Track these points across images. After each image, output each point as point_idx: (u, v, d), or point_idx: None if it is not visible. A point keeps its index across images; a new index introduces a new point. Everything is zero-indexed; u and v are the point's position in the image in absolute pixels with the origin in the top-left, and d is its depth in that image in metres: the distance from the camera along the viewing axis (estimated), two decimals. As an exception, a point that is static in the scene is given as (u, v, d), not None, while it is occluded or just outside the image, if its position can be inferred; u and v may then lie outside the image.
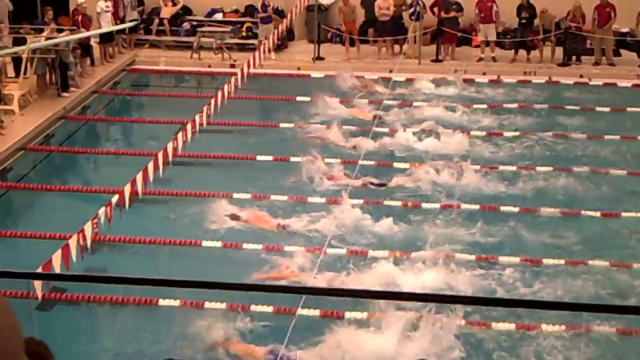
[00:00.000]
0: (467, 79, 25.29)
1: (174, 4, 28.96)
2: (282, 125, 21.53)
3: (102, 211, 14.98)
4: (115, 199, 15.49)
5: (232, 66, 26.08)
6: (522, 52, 26.89)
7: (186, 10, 29.27)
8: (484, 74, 25.87)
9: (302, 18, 28.63)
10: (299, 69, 26.42)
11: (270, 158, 19.50)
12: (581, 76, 25.69)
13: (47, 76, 23.28)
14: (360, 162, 18.61)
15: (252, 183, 17.97)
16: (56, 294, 13.72)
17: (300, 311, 12.91)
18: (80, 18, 24.93)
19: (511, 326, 12.99)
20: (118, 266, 14.51)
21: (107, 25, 25.93)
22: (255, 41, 27.73)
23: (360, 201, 17.01)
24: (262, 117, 22.93)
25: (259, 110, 24.01)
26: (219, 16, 29.21)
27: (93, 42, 25.81)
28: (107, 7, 26.05)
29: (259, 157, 19.53)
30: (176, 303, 13.50)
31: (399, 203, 17.21)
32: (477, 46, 27.45)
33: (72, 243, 13.75)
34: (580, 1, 26.19)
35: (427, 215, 16.71)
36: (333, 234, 15.59)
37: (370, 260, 14.86)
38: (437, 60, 26.92)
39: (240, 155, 19.63)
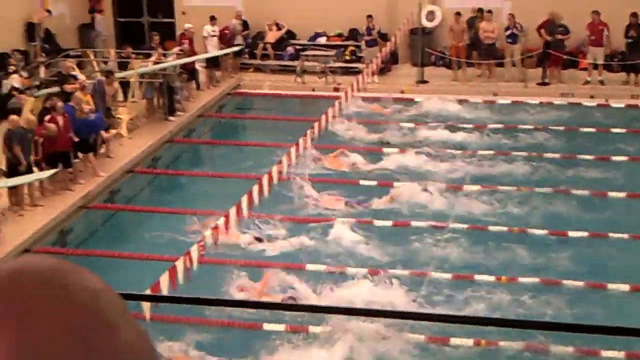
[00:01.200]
0: (574, 102, 24.93)
1: (279, 29, 29.18)
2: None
3: (208, 234, 15.13)
4: (221, 221, 15.61)
5: (336, 89, 26.13)
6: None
7: (290, 35, 29.47)
8: (592, 97, 25.42)
9: (405, 41, 28.56)
10: (402, 92, 26.33)
11: (374, 183, 19.51)
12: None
13: (155, 100, 23.67)
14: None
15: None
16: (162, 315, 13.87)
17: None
18: (187, 42, 25.32)
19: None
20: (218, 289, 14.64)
21: (213, 50, 26.28)
22: (358, 65, 27.76)
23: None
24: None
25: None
26: (322, 40, 29.33)
27: (199, 67, 26.17)
28: (213, 31, 26.41)
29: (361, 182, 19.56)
30: (281, 327, 13.53)
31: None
32: (584, 69, 26.99)
33: (179, 265, 13.91)
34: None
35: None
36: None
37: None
38: (543, 84, 26.56)
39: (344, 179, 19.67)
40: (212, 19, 26.78)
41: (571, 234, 16.85)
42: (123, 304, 1.09)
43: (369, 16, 27.69)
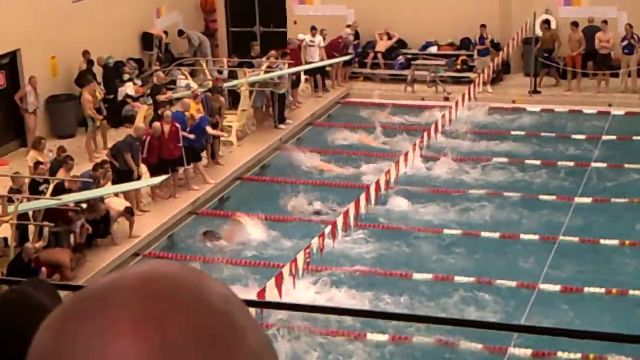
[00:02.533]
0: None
1: (389, 38, 29.10)
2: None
3: (314, 241, 15.13)
4: (328, 229, 15.59)
5: (446, 99, 25.93)
6: None
7: (401, 44, 29.36)
8: None
9: (518, 51, 28.17)
10: (514, 102, 25.99)
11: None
12: None
13: (264, 108, 23.82)
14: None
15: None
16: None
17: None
18: (290, 52, 25.41)
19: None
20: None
21: (314, 58, 26.22)
22: (470, 74, 27.49)
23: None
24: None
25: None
26: (433, 49, 29.13)
27: (303, 75, 26.25)
28: (311, 41, 26.38)
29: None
30: (384, 337, 13.44)
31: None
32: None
33: (285, 272, 13.94)
34: None
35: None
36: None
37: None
38: (658, 94, 25.89)
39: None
40: (313, 29, 26.78)
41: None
42: (247, 309, 1.12)
43: (483, 25, 27.38)
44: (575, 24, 26.82)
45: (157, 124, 18.88)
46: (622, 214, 18.05)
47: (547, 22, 27.56)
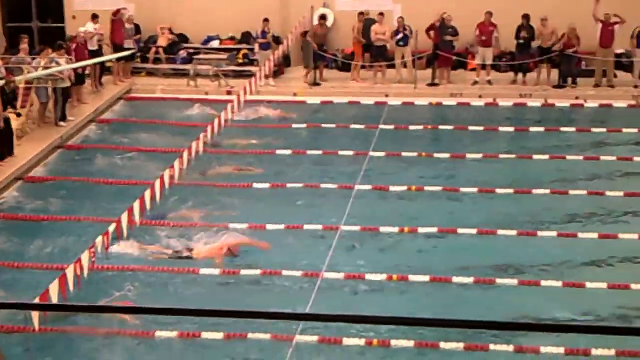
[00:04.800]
0: (463, 102, 25.47)
1: (171, 33, 29.12)
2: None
3: (99, 240, 15.00)
4: (112, 228, 15.50)
5: (229, 93, 26.19)
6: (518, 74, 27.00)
7: (183, 38, 29.41)
8: (480, 96, 25.96)
9: (298, 44, 28.76)
10: (295, 94, 26.53)
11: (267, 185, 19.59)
12: (577, 98, 25.79)
13: (47, 105, 23.34)
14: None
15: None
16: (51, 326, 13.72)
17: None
18: (74, 47, 24.91)
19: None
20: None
21: (94, 48, 25.87)
22: (252, 68, 27.84)
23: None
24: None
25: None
26: (215, 43, 29.35)
27: (88, 70, 25.86)
28: (95, 29, 26.03)
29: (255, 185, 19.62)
30: (173, 334, 13.51)
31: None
32: (473, 69, 27.57)
33: (69, 273, 13.77)
34: (575, 23, 26.30)
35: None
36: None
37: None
38: (433, 84, 27.02)
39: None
40: (94, 17, 26.39)
41: (461, 230, 17.17)
42: None
43: (265, 19, 27.79)
44: (362, 14, 27.63)
45: None
46: (399, 201, 18.76)
47: (323, 16, 28.25)
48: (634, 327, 12.90)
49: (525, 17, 26.65)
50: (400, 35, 27.20)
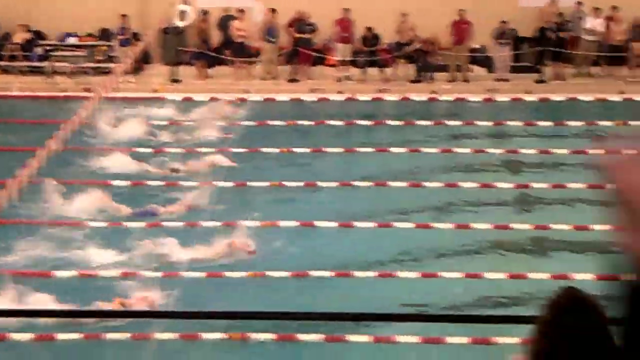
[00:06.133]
0: (323, 98, 25.74)
1: (27, 30, 28.57)
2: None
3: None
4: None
5: (87, 90, 25.84)
6: (375, 71, 27.42)
7: (39, 35, 28.87)
8: (340, 92, 26.27)
9: (157, 40, 28.58)
10: (155, 91, 26.34)
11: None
12: (433, 92, 26.36)
13: None
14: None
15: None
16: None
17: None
18: None
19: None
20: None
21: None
22: (111, 64, 27.54)
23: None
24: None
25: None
26: (73, 40, 28.91)
27: None
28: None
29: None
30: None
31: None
32: (332, 65, 27.89)
33: None
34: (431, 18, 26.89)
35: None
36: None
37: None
38: (293, 80, 27.24)
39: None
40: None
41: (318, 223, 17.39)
42: None
43: (124, 15, 27.54)
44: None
45: None
46: (259, 197, 18.89)
47: (205, 12, 28.05)
48: (489, 315, 13.35)
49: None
50: (272, 31, 27.24)
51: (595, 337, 2.84)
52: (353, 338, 13.28)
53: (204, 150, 21.36)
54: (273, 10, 27.38)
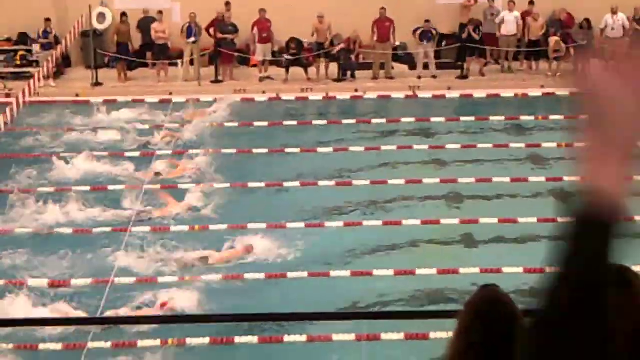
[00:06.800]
0: (248, 98, 25.69)
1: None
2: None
3: None
4: None
5: (8, 95, 25.46)
6: (300, 71, 27.44)
7: (-46, 41, 28.35)
8: (264, 92, 26.25)
9: (77, 44, 28.26)
10: (77, 95, 26.02)
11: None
12: (356, 90, 26.49)
13: None
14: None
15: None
16: None
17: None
18: None
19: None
20: None
21: None
22: (30, 69, 27.15)
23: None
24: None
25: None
26: (-10, 45, 28.42)
27: None
28: None
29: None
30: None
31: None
32: (255, 66, 27.85)
33: None
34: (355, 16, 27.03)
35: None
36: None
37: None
38: (216, 81, 27.15)
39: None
40: None
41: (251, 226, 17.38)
42: None
43: (48, 19, 27.28)
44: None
45: None
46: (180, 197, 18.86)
47: (124, 13, 27.76)
48: (421, 311, 13.50)
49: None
50: (193, 32, 27.10)
51: (505, 331, 3.04)
52: (289, 338, 13.29)
53: (129, 155, 21.19)
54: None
